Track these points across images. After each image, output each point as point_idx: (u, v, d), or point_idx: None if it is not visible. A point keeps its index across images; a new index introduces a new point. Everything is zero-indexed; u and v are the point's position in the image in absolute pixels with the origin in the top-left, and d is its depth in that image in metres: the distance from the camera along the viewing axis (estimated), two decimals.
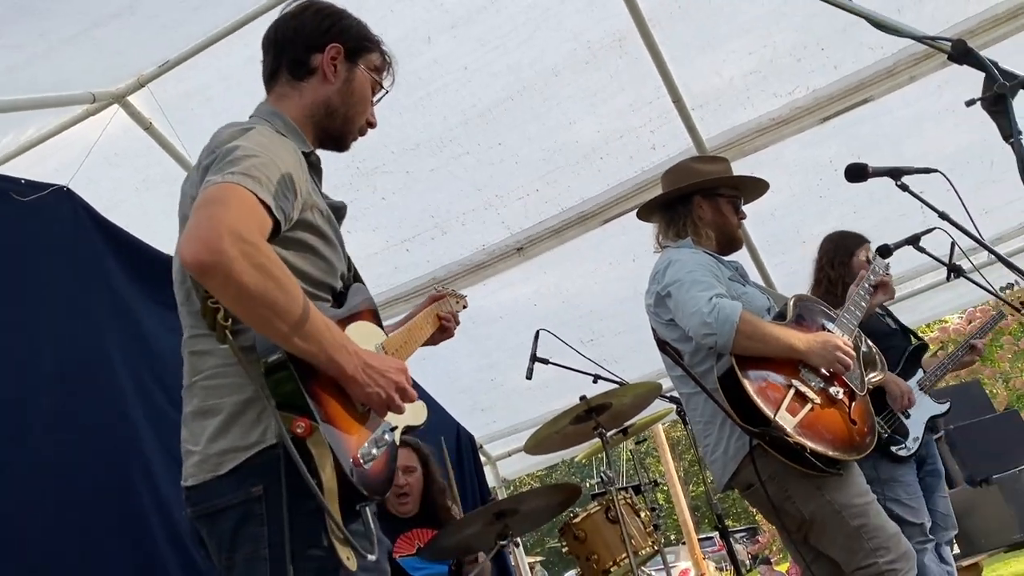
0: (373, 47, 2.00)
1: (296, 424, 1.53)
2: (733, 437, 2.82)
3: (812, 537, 2.82)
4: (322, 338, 1.58)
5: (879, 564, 2.64)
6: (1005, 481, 5.29)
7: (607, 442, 3.84)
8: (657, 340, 3.09)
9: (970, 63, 1.46)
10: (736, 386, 2.68)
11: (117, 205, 3.80)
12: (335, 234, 1.88)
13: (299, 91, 1.92)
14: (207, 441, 1.66)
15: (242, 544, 1.61)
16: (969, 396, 6.19)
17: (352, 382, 1.64)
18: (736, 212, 3.18)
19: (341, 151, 2.05)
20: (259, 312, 1.51)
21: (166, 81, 3.71)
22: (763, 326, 2.74)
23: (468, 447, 6.14)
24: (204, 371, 1.71)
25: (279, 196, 1.62)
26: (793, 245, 5.35)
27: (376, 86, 2.02)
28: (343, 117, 1.96)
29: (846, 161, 2.55)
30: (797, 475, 2.68)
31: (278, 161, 1.66)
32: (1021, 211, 5.17)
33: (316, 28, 1.93)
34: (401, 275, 5.00)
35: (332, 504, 1.54)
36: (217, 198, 1.53)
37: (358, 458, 1.62)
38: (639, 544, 3.77)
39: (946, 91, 4.39)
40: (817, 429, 2.65)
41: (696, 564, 15.27)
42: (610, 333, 5.69)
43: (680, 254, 2.98)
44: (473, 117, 4.25)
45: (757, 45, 4.19)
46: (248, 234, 1.50)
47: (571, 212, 4.83)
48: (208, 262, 1.46)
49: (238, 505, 1.61)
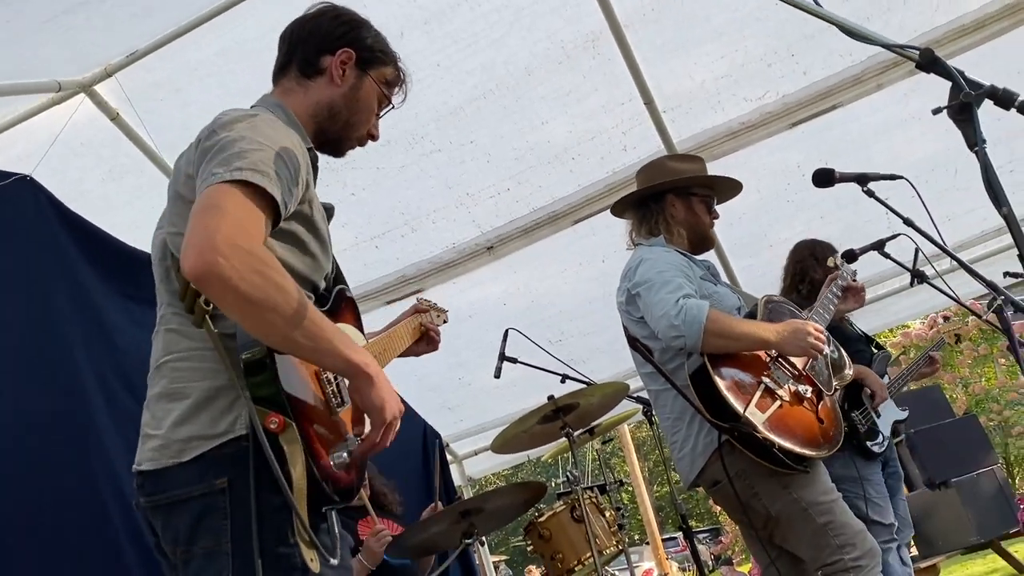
0: (388, 61, 2.01)
1: (270, 419, 1.51)
2: (702, 434, 2.83)
3: (778, 535, 2.85)
4: (331, 337, 1.57)
5: (845, 560, 2.67)
6: (963, 484, 5.38)
7: (574, 442, 3.86)
8: (628, 337, 3.10)
9: (937, 72, 1.48)
10: (707, 382, 2.70)
11: (82, 195, 3.74)
12: (327, 232, 1.86)
13: (305, 88, 1.92)
14: (171, 425, 1.62)
15: (202, 537, 1.57)
16: (929, 401, 6.29)
17: (371, 382, 1.61)
18: (709, 212, 3.19)
19: (337, 156, 2.04)
20: (260, 316, 1.50)
21: (134, 71, 3.66)
22: (731, 322, 2.76)
23: (434, 445, 6.13)
24: (177, 351, 1.67)
25: (285, 190, 1.61)
26: (760, 248, 5.40)
27: (384, 100, 2.01)
28: (344, 122, 1.95)
29: (814, 166, 2.58)
30: (764, 472, 2.71)
31: (283, 153, 1.64)
32: (983, 219, 5.25)
33: (331, 31, 1.93)
34: (370, 272, 4.98)
35: (300, 503, 1.53)
36: (215, 203, 1.51)
37: (328, 462, 1.59)
38: (603, 543, 3.78)
39: (913, 99, 4.46)
40: (786, 426, 2.68)
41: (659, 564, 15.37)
42: (579, 333, 5.70)
43: (652, 252, 2.99)
44: (445, 115, 4.24)
45: (729, 49, 4.22)
46: (244, 239, 1.49)
47: (542, 212, 4.83)
48: (204, 272, 1.45)
49: (200, 497, 1.57)
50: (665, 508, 30.36)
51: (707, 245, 3.22)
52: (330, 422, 1.66)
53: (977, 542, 5.40)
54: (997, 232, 5.34)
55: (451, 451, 6.56)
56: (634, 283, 2.93)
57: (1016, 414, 11.19)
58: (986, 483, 5.45)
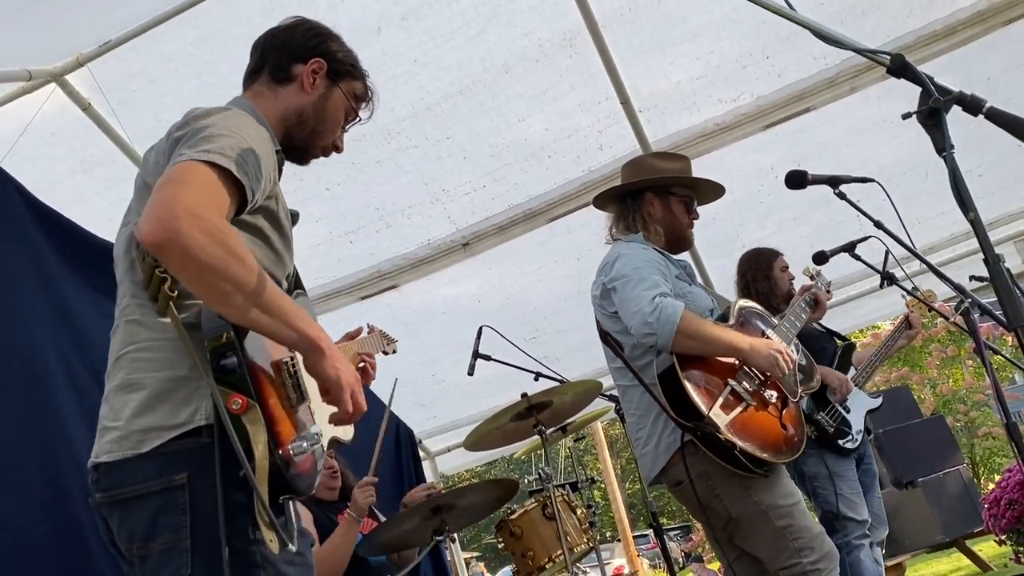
0: (358, 76, 2.04)
1: (233, 399, 1.52)
2: (666, 432, 2.84)
3: (738, 536, 2.87)
4: (287, 313, 1.58)
5: (803, 564, 2.70)
6: (930, 484, 5.45)
7: (547, 439, 3.86)
8: (600, 331, 3.11)
9: (907, 77, 1.50)
10: (674, 381, 2.71)
11: (52, 186, 3.70)
12: (290, 233, 1.89)
13: (275, 94, 1.95)
14: (130, 416, 1.62)
15: (160, 533, 1.57)
16: (898, 401, 6.37)
17: (322, 355, 1.62)
18: (688, 212, 3.19)
19: (301, 163, 2.07)
20: (219, 287, 1.50)
21: (107, 61, 3.62)
22: (704, 326, 2.78)
23: (407, 442, 6.11)
24: (136, 342, 1.67)
25: (252, 178, 1.62)
26: (733, 249, 5.42)
27: (351, 112, 2.04)
28: (311, 129, 1.98)
29: (787, 168, 2.60)
30: (726, 474, 2.72)
31: (253, 143, 1.66)
32: (952, 222, 5.32)
33: (305, 41, 1.98)
34: (344, 267, 4.96)
35: (261, 484, 1.53)
36: (178, 177, 1.53)
37: (288, 449, 1.60)
38: (574, 541, 3.79)
39: (885, 103, 4.51)
40: (749, 429, 2.70)
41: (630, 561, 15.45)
42: (553, 331, 5.71)
43: (630, 248, 2.99)
44: (421, 110, 4.23)
45: (704, 50, 4.25)
46: (206, 211, 1.49)
47: (518, 209, 4.84)
48: (164, 240, 1.45)
49: (159, 492, 1.57)
50: (637, 506, 30.51)
51: (684, 245, 3.23)
52: (291, 413, 1.67)
53: (943, 541, 5.48)
54: (966, 236, 5.42)
55: (424, 448, 6.55)
56: (611, 278, 2.94)
57: (982, 415, 11.36)
58: (952, 483, 5.53)
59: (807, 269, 3.53)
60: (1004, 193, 5.25)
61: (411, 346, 5.70)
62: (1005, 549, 5.07)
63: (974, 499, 5.49)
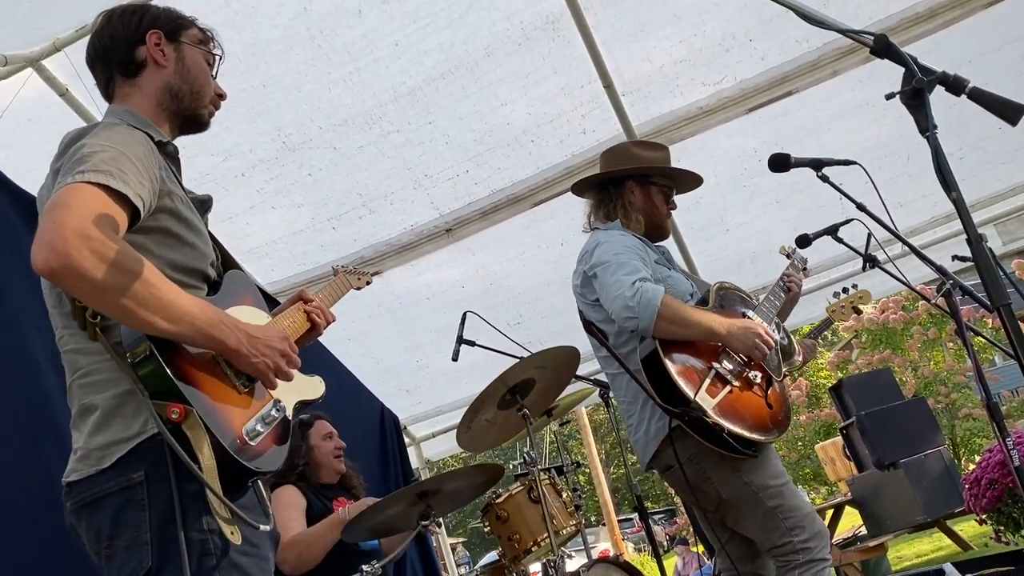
0: (188, 24, 2.04)
1: (171, 410, 1.56)
2: (654, 418, 2.86)
3: (729, 518, 2.89)
4: (193, 318, 1.61)
5: (794, 543, 2.73)
6: (911, 465, 5.49)
7: (530, 422, 3.86)
8: (583, 321, 3.12)
9: (891, 57, 1.50)
10: (658, 367, 2.72)
11: (29, 172, 3.63)
12: (199, 221, 1.88)
13: (139, 87, 1.95)
14: (88, 436, 1.67)
15: (123, 530, 1.62)
16: (879, 383, 6.42)
17: (236, 354, 1.68)
18: (667, 201, 3.21)
19: (202, 130, 2.06)
20: (119, 304, 1.53)
21: (84, 46, 3.55)
22: (684, 310, 2.78)
23: (391, 428, 6.11)
24: (79, 369, 1.72)
25: (134, 183, 1.63)
26: (717, 232, 5.45)
27: (209, 57, 2.04)
28: (189, 94, 1.98)
29: (769, 151, 2.61)
30: (715, 457, 2.74)
31: (127, 151, 1.68)
32: (934, 205, 5.35)
33: (129, 26, 1.97)
34: (327, 254, 4.93)
35: (213, 483, 1.57)
36: (60, 202, 1.55)
37: (243, 436, 1.65)
38: (560, 524, 3.80)
39: (867, 86, 4.52)
40: (735, 411, 2.71)
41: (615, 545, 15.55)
42: (537, 316, 5.72)
43: (609, 236, 3.00)
44: (403, 95, 4.20)
45: (687, 33, 4.24)
46: (92, 231, 1.51)
47: (501, 194, 4.83)
48: (56, 266, 1.48)
49: (119, 492, 1.62)
50: (621, 490, 30.70)
51: (662, 234, 3.24)
52: (239, 398, 1.71)
53: (924, 521, 5.52)
54: (947, 218, 5.45)
55: (408, 433, 6.55)
56: (591, 265, 2.94)
57: (963, 396, 11.44)
58: (933, 464, 5.57)
59: (783, 248, 3.54)
60: (985, 175, 5.28)
61: (395, 332, 5.70)
62: (986, 528, 5.12)
63: (955, 479, 5.53)
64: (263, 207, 4.53)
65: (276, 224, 4.70)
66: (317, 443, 3.87)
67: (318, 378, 2.00)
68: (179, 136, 2.00)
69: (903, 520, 5.60)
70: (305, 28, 3.79)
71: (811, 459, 13.20)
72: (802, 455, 13.89)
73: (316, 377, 2.00)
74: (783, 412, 2.89)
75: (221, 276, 1.91)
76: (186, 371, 1.62)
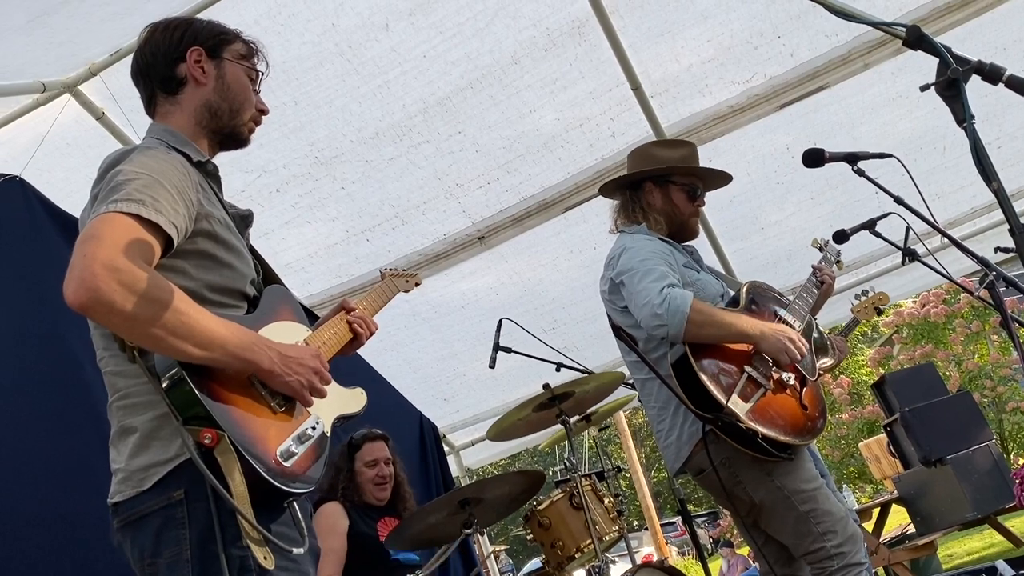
0: (232, 37, 2.03)
1: (204, 435, 1.57)
2: (687, 423, 2.83)
3: (762, 521, 2.85)
4: (225, 342, 1.62)
5: (827, 548, 2.68)
6: (958, 461, 5.40)
7: (570, 429, 3.86)
8: (612, 326, 3.09)
9: (924, 48, 1.48)
10: (689, 372, 2.68)
11: (69, 196, 3.72)
12: (238, 240, 1.89)
13: (179, 104, 1.95)
14: (128, 458, 1.69)
15: (165, 548, 1.63)
16: (922, 378, 6.31)
17: (269, 375, 1.69)
18: (692, 200, 3.12)
19: (242, 146, 2.06)
20: (149, 333, 1.55)
21: (119, 70, 3.63)
22: (714, 314, 2.74)
23: (431, 437, 6.13)
24: (119, 391, 1.74)
25: (168, 212, 1.65)
26: (751, 231, 5.41)
27: (251, 72, 2.03)
28: (228, 112, 1.97)
29: (802, 148, 2.57)
30: (748, 460, 2.70)
31: (161, 178, 1.69)
32: (973, 196, 5.26)
33: (170, 42, 1.96)
34: (362, 265, 4.97)
35: (244, 508, 1.58)
36: (91, 233, 1.57)
37: (277, 457, 1.65)
38: (603, 530, 3.79)
39: (899, 78, 4.46)
40: (769, 414, 2.67)
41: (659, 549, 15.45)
42: (572, 321, 5.71)
43: (635, 241, 2.96)
44: (432, 105, 4.23)
45: (715, 32, 4.22)
46: (122, 262, 1.53)
47: (532, 200, 4.83)
48: (86, 300, 1.50)
49: (159, 510, 1.64)
50: (663, 493, 30.49)
51: (689, 234, 3.17)
52: (275, 418, 1.72)
53: (974, 518, 5.42)
54: (987, 208, 5.36)
55: (447, 442, 6.56)
56: (617, 272, 2.91)
57: (1009, 390, 11.24)
58: (981, 459, 5.46)
59: (815, 240, 3.49)
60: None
61: (431, 340, 5.72)
62: None
63: (1004, 474, 5.43)
64: (298, 222, 4.58)
65: (311, 238, 4.74)
66: (360, 468, 3.90)
67: (359, 389, 2.00)
68: (219, 153, 2.01)
69: (952, 517, 5.50)
70: (334, 44, 3.83)
71: (855, 457, 13.03)
72: (846, 453, 13.72)
73: (358, 389, 1.99)
74: (819, 412, 2.85)
75: (261, 292, 1.92)
76: (219, 394, 1.64)
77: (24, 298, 3.32)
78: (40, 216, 3.56)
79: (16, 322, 3.27)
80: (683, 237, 3.16)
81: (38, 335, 3.31)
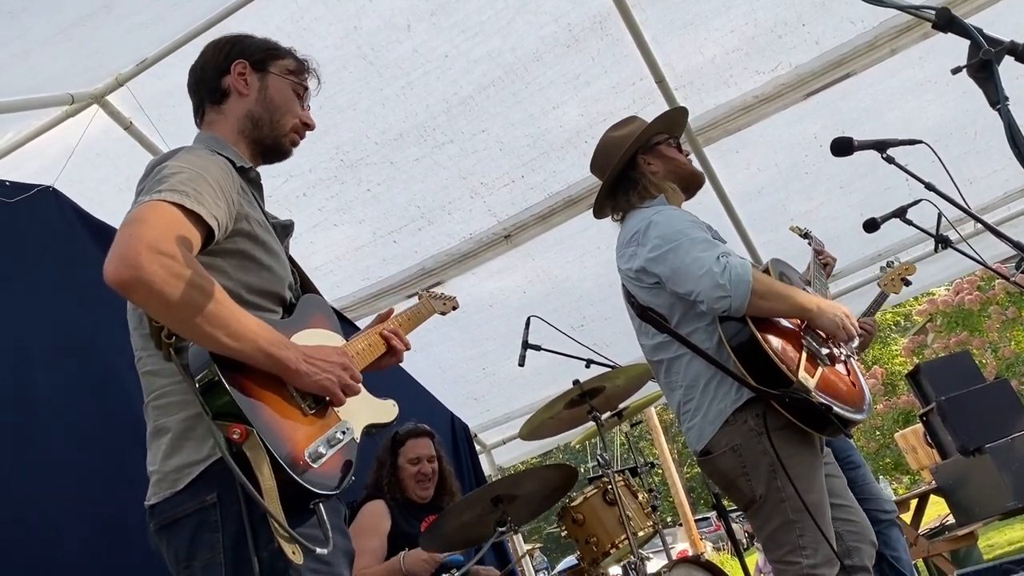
0: (282, 53, 2.10)
1: (232, 430, 1.58)
2: (716, 401, 2.68)
3: (751, 514, 2.70)
4: (256, 336, 1.64)
5: (802, 565, 2.53)
6: (997, 450, 5.31)
7: (602, 425, 3.85)
8: (637, 307, 2.92)
9: (955, 31, 1.46)
10: (754, 349, 2.55)
11: (100, 205, 3.77)
12: (277, 244, 1.93)
13: (223, 114, 2.03)
14: (162, 459, 1.72)
15: (199, 552, 1.65)
16: (959, 367, 6.21)
17: (297, 375, 1.70)
18: (680, 150, 3.04)
19: (284, 158, 2.11)
20: (184, 318, 1.57)
21: (145, 79, 3.68)
22: (776, 285, 2.63)
23: (463, 437, 6.14)
24: (154, 391, 1.77)
25: (209, 204, 1.68)
26: (780, 222, 5.34)
27: (298, 88, 2.10)
28: (269, 123, 2.03)
29: (830, 137, 2.53)
30: (758, 452, 2.59)
31: (204, 173, 1.73)
32: (1005, 180, 5.17)
33: (218, 56, 2.06)
34: (389, 267, 4.99)
35: (272, 503, 1.58)
36: (136, 217, 1.61)
37: (305, 458, 1.66)
38: (638, 525, 3.77)
39: (928, 63, 4.40)
40: (833, 389, 2.59)
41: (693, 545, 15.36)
42: (600, 317, 5.68)
43: (661, 214, 2.79)
44: (455, 104, 4.23)
45: (739, 23, 4.18)
46: (166, 246, 1.56)
47: (557, 197, 4.82)
48: (127, 278, 1.52)
49: (193, 514, 1.66)
50: (696, 489, 30.31)
51: (698, 180, 3.05)
52: (305, 420, 1.72)
53: (1015, 507, 5.33)
54: (1021, 193, 5.26)
55: (479, 441, 6.57)
56: (654, 245, 2.73)
57: None
58: (1021, 447, 5.37)
59: (796, 227, 3.45)
60: None
61: (459, 340, 5.73)
62: None
63: None
64: (325, 225, 4.61)
65: (339, 241, 4.77)
66: (402, 464, 3.91)
67: (391, 402, 2.00)
68: (263, 164, 2.07)
69: (992, 507, 5.42)
70: (356, 47, 3.85)
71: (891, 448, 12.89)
72: (881, 444, 13.57)
73: (390, 401, 2.00)
74: (860, 389, 2.77)
75: (298, 299, 1.94)
76: (250, 391, 1.65)
77: (62, 307, 3.37)
78: (75, 225, 3.62)
79: (55, 331, 3.32)
80: (695, 184, 3.04)
81: (77, 344, 3.37)
